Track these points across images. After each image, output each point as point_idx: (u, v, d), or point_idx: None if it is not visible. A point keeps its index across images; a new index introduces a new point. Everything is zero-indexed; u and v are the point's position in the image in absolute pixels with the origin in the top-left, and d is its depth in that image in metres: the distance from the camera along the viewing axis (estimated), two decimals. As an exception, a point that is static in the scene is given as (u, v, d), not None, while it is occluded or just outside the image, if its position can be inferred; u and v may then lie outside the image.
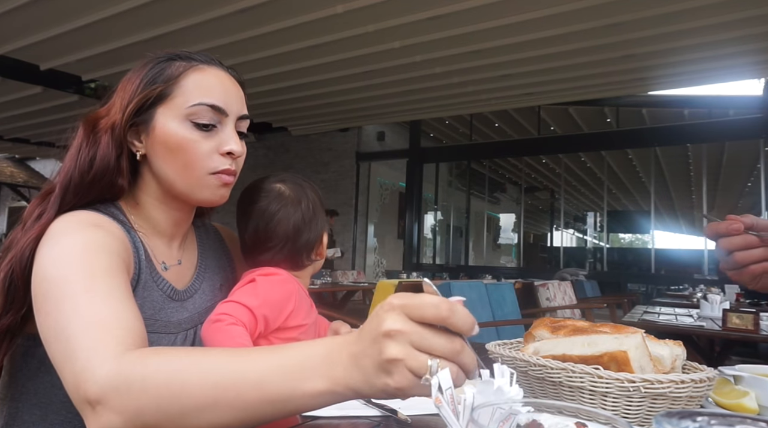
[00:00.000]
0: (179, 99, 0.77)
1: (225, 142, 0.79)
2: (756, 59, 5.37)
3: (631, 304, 5.59)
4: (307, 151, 10.05)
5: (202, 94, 0.78)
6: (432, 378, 0.44)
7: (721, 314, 2.53)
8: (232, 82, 0.83)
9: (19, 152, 12.30)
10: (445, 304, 0.45)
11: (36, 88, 6.74)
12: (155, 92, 0.77)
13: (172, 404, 0.51)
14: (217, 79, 0.81)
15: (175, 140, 0.77)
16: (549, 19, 4.47)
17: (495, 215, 15.20)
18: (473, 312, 1.46)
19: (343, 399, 0.50)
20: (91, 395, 0.52)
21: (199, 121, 0.77)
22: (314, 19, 4.61)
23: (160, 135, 0.77)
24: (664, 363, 0.68)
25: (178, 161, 0.77)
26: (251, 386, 0.50)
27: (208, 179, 0.79)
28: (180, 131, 0.77)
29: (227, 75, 0.83)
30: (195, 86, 0.78)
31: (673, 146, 9.36)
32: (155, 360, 0.53)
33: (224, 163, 0.79)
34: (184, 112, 0.77)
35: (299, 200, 0.95)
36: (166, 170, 0.79)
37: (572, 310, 4.77)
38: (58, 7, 4.59)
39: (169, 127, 0.77)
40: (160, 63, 0.79)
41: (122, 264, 0.69)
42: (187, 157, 0.77)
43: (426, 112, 7.95)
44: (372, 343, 0.47)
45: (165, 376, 0.52)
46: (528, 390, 0.69)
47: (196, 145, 0.77)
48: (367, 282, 6.27)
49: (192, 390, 0.51)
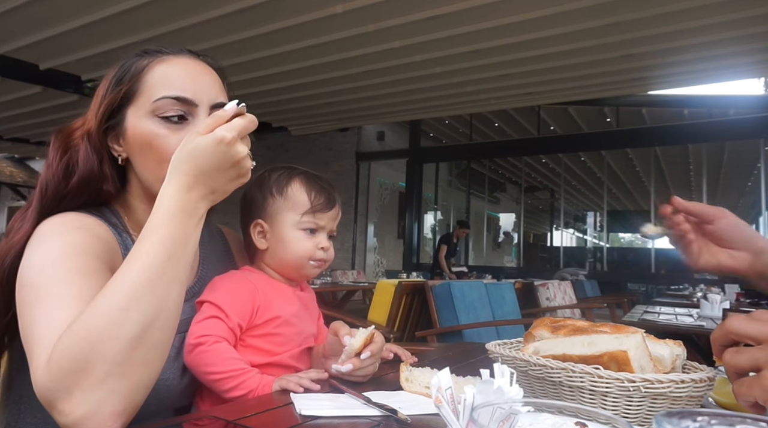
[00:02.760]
0: (145, 95, 0.75)
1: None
2: (756, 59, 5.37)
3: (631, 304, 5.59)
4: (307, 151, 10.04)
5: (166, 86, 0.75)
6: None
7: (721, 314, 2.53)
8: (203, 69, 0.79)
9: (19, 152, 12.29)
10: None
11: (35, 88, 6.73)
12: (122, 92, 0.75)
13: (94, 338, 0.56)
14: (182, 68, 0.77)
15: (144, 138, 0.74)
16: (548, 19, 4.47)
17: (495, 215, 15.19)
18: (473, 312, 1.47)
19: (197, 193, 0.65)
20: (44, 402, 0.56)
21: (166, 114, 0.74)
22: (314, 19, 4.60)
23: (132, 135, 0.75)
24: (665, 363, 0.68)
25: (151, 159, 0.75)
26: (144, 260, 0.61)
27: None
28: (148, 127, 0.74)
29: (197, 62, 0.79)
30: (159, 79, 0.75)
31: (673, 146, 9.35)
32: (64, 334, 0.57)
33: None
34: (150, 107, 0.74)
35: (252, 183, 0.94)
36: (142, 171, 0.77)
37: (572, 310, 4.77)
38: (58, 7, 4.59)
39: (138, 126, 0.75)
40: (128, 62, 0.77)
41: (101, 265, 0.69)
42: (157, 153, 0.74)
43: (426, 112, 7.94)
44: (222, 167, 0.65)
45: (74, 330, 0.57)
46: (528, 390, 0.69)
47: (165, 140, 0.74)
48: (367, 282, 6.27)
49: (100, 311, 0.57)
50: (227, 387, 0.77)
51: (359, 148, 9.74)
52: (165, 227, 0.63)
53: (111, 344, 0.56)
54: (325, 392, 0.78)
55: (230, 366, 0.78)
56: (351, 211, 9.57)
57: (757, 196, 8.46)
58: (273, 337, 0.87)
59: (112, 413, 0.56)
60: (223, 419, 0.65)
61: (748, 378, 0.50)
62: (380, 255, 10.36)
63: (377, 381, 0.87)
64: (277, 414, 0.68)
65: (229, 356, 0.79)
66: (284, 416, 0.68)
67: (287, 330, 0.89)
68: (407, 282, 3.16)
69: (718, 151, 9.50)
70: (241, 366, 0.79)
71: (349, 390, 0.76)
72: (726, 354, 0.53)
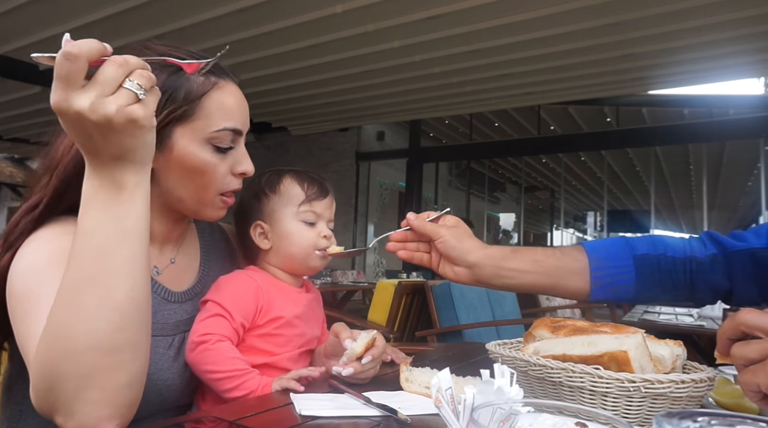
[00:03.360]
0: (201, 122, 0.74)
1: (239, 163, 0.79)
2: (756, 59, 5.37)
3: (631, 304, 5.58)
4: (307, 151, 10.04)
5: (225, 117, 0.76)
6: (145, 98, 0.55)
7: (721, 313, 2.53)
8: (242, 96, 0.81)
9: (19, 152, 12.28)
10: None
11: (35, 88, 6.73)
12: (176, 112, 0.73)
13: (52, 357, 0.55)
14: (235, 98, 0.79)
15: (195, 163, 0.75)
16: (548, 18, 4.47)
17: (495, 215, 15.19)
18: (473, 312, 1.46)
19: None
20: (44, 415, 0.57)
21: (221, 145, 0.76)
22: (314, 18, 4.60)
23: (179, 157, 0.74)
24: (665, 363, 0.68)
25: (195, 182, 0.76)
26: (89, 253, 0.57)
27: (215, 200, 0.79)
28: (201, 155, 0.75)
29: (238, 88, 0.81)
30: (217, 109, 0.75)
31: (673, 146, 9.35)
32: (35, 355, 0.57)
33: (236, 182, 0.80)
34: (207, 135, 0.75)
35: (243, 190, 0.93)
36: (178, 189, 0.77)
37: (572, 310, 4.77)
38: (58, 7, 4.59)
39: (189, 150, 0.74)
40: (176, 73, 0.73)
41: None
42: (204, 179, 0.76)
43: (425, 112, 7.94)
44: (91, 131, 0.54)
45: (38, 351, 0.56)
46: (528, 390, 0.69)
47: (215, 168, 0.76)
48: (366, 282, 6.26)
49: (50, 329, 0.56)
50: (228, 387, 0.77)
51: (359, 148, 9.74)
52: (83, 217, 0.57)
53: (69, 361, 0.54)
54: (325, 392, 0.78)
55: (232, 366, 0.78)
56: (351, 211, 9.57)
57: (757, 195, 8.45)
58: (274, 338, 0.87)
59: (99, 418, 0.56)
60: (224, 419, 0.65)
61: (755, 365, 0.51)
62: (380, 255, 10.36)
63: (377, 381, 0.87)
64: (277, 414, 0.68)
65: (231, 356, 0.79)
66: (284, 416, 0.68)
67: (289, 332, 0.89)
68: (407, 282, 3.16)
69: (718, 151, 9.50)
70: (243, 366, 0.79)
71: (349, 390, 0.76)
72: (735, 347, 0.54)
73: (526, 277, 0.85)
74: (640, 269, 0.85)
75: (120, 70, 0.53)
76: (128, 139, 0.55)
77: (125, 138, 0.54)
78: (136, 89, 0.53)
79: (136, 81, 0.54)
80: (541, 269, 0.85)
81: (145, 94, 0.54)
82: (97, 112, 0.52)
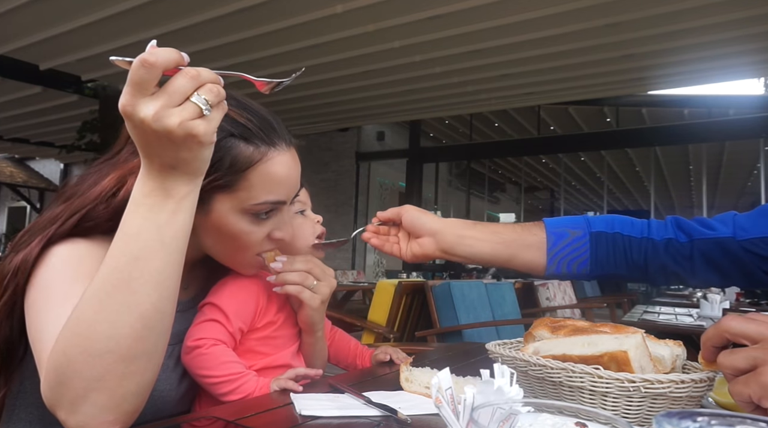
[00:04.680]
0: (243, 193, 0.73)
1: (278, 228, 0.78)
2: (756, 59, 5.38)
3: (631, 304, 5.59)
4: (307, 151, 10.00)
5: (269, 190, 0.74)
6: (210, 113, 0.54)
7: (721, 314, 2.53)
8: (296, 163, 0.79)
9: (19, 152, 12.29)
10: (144, 58, 0.50)
11: (36, 88, 6.74)
12: (219, 181, 0.71)
13: (69, 354, 0.54)
14: (285, 168, 0.75)
15: (232, 231, 0.75)
16: (548, 18, 4.47)
17: (495, 215, 15.19)
18: (473, 312, 1.46)
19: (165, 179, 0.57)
20: (48, 406, 0.57)
21: (261, 215, 0.75)
22: (314, 18, 4.60)
23: (216, 221, 0.74)
24: (665, 363, 0.68)
25: (229, 246, 0.77)
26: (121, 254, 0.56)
27: (251, 259, 0.80)
28: (239, 224, 0.74)
29: (291, 155, 0.78)
30: (262, 182, 0.73)
31: (673, 146, 9.36)
32: (52, 347, 0.56)
33: (271, 245, 0.80)
34: (247, 207, 0.73)
35: None
36: (213, 247, 0.78)
37: (572, 310, 4.78)
38: (58, 7, 4.59)
39: (227, 218, 0.74)
40: (230, 137, 0.71)
41: None
42: (238, 243, 0.76)
43: (426, 112, 7.95)
44: (152, 140, 0.54)
45: (56, 345, 0.56)
46: (528, 390, 0.69)
47: (252, 235, 0.76)
48: (367, 282, 6.27)
49: (71, 325, 0.55)
50: (224, 391, 0.77)
51: (359, 148, 9.74)
52: (126, 219, 0.57)
53: (85, 360, 0.54)
54: (325, 392, 0.78)
55: (227, 371, 0.77)
56: (351, 211, 9.57)
57: (757, 196, 8.46)
58: (273, 340, 0.87)
59: (102, 422, 0.56)
60: (223, 419, 0.65)
61: (745, 375, 0.50)
62: (380, 255, 10.36)
63: (377, 381, 0.87)
64: (277, 414, 0.68)
65: (225, 359, 0.79)
66: (284, 416, 0.68)
67: (286, 332, 0.89)
68: (407, 282, 3.16)
69: (718, 151, 9.51)
70: (238, 370, 0.79)
71: (349, 390, 0.76)
72: (721, 356, 0.53)
73: (485, 246, 0.88)
74: (596, 246, 0.87)
75: (190, 83, 0.53)
76: (185, 152, 0.55)
77: (182, 150, 0.54)
78: (202, 104, 0.53)
79: (204, 96, 0.53)
80: (500, 240, 0.89)
81: (210, 110, 0.54)
82: (159, 122, 0.51)
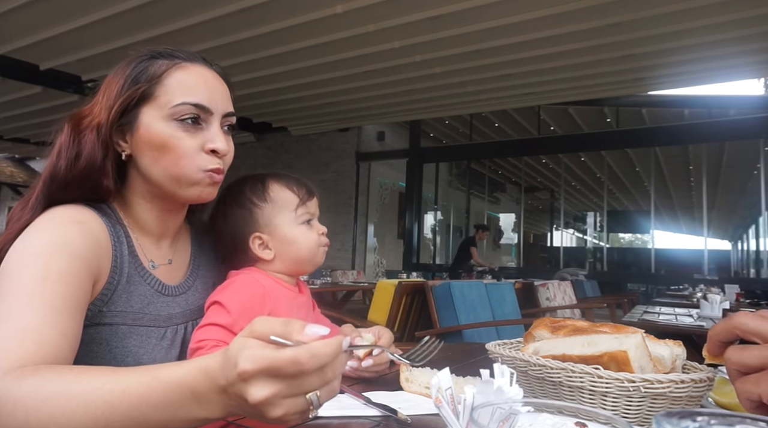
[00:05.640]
0: (163, 98, 0.77)
1: (210, 140, 0.79)
2: (756, 59, 5.38)
3: (631, 304, 5.59)
4: (307, 151, 10.05)
5: (186, 92, 0.78)
6: (314, 411, 0.47)
7: (721, 314, 2.53)
8: (216, 79, 0.82)
9: (19, 152, 12.30)
10: (302, 356, 0.43)
11: (36, 88, 6.74)
12: (139, 92, 0.77)
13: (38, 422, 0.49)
14: (200, 76, 0.80)
15: (160, 139, 0.77)
16: (549, 19, 4.47)
17: (495, 215, 15.19)
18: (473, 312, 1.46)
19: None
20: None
21: (183, 117, 0.77)
22: (314, 19, 4.61)
23: (145, 134, 0.77)
24: (665, 363, 0.68)
25: (165, 159, 0.77)
26: (120, 416, 0.49)
27: (196, 176, 0.79)
28: (165, 130, 0.77)
29: (211, 72, 0.83)
30: (178, 85, 0.78)
31: (673, 146, 9.35)
32: (30, 382, 0.52)
33: (212, 161, 0.79)
34: (169, 111, 0.77)
35: (225, 193, 0.93)
36: (153, 169, 0.79)
37: (572, 310, 4.77)
38: (58, 7, 4.60)
39: (153, 127, 0.77)
40: (143, 62, 0.79)
41: (84, 270, 0.69)
42: (172, 154, 0.77)
43: (426, 112, 7.95)
44: (248, 411, 0.47)
45: (35, 402, 0.50)
46: (528, 390, 0.69)
47: (181, 142, 0.77)
48: (366, 282, 6.26)
49: (60, 420, 0.49)
50: None
51: (359, 148, 9.74)
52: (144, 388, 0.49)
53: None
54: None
55: None
56: (351, 211, 9.57)
57: (757, 196, 8.45)
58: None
59: None
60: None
61: (756, 374, 0.48)
62: (380, 255, 10.37)
63: (377, 381, 0.87)
64: (277, 414, 0.68)
65: None
66: (284, 416, 0.67)
67: None
68: (407, 283, 3.16)
69: (718, 151, 9.50)
70: None
71: (349, 390, 0.76)
72: (730, 351, 0.51)
73: None
74: None
75: (317, 383, 0.46)
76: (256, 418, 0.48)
77: (256, 417, 0.47)
78: (315, 404, 0.46)
79: (321, 396, 0.46)
80: None
81: (316, 409, 0.47)
82: (265, 406, 0.45)
